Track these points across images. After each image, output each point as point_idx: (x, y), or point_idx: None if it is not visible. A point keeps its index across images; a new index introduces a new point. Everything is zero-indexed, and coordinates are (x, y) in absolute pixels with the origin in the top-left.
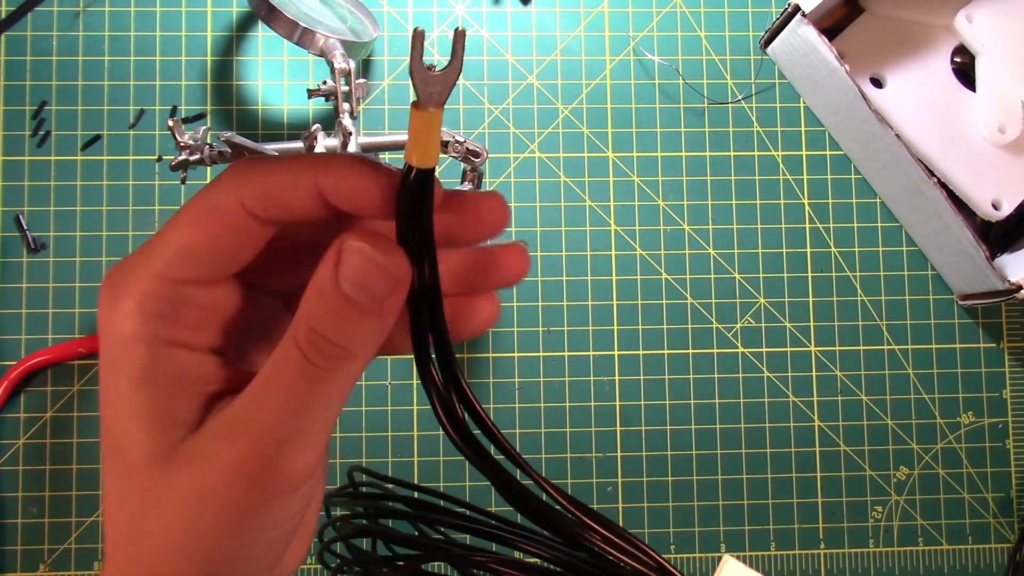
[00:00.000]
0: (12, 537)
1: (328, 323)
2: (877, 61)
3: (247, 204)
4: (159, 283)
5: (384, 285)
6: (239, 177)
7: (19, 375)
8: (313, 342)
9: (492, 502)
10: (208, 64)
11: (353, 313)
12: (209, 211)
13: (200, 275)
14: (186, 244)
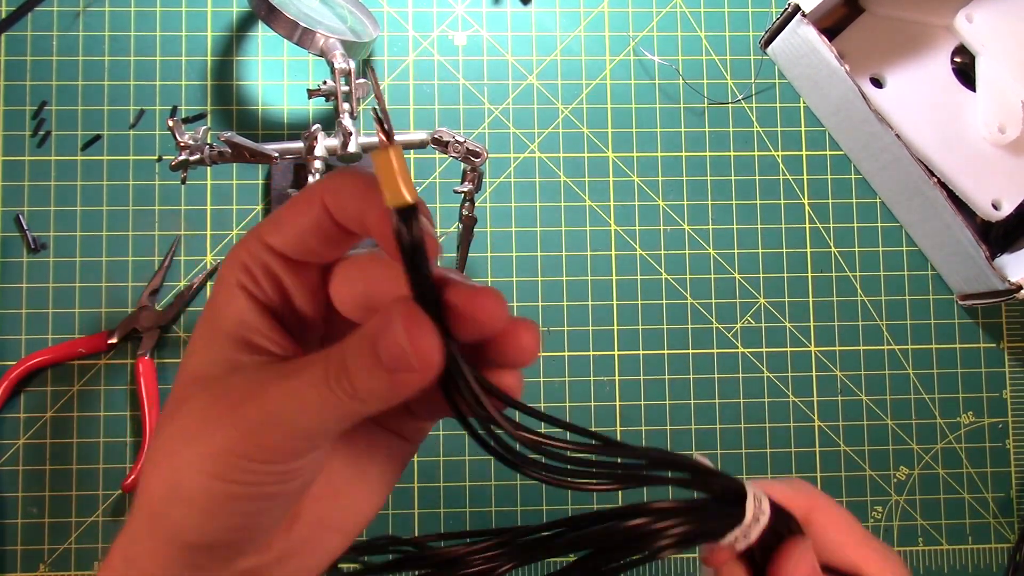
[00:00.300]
0: (12, 537)
1: (354, 368)
2: (877, 61)
3: (327, 201)
4: (256, 242)
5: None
6: (332, 178)
7: (19, 375)
8: (337, 373)
9: (492, 501)
10: (208, 64)
11: (375, 370)
12: (304, 199)
13: (283, 246)
14: (280, 218)
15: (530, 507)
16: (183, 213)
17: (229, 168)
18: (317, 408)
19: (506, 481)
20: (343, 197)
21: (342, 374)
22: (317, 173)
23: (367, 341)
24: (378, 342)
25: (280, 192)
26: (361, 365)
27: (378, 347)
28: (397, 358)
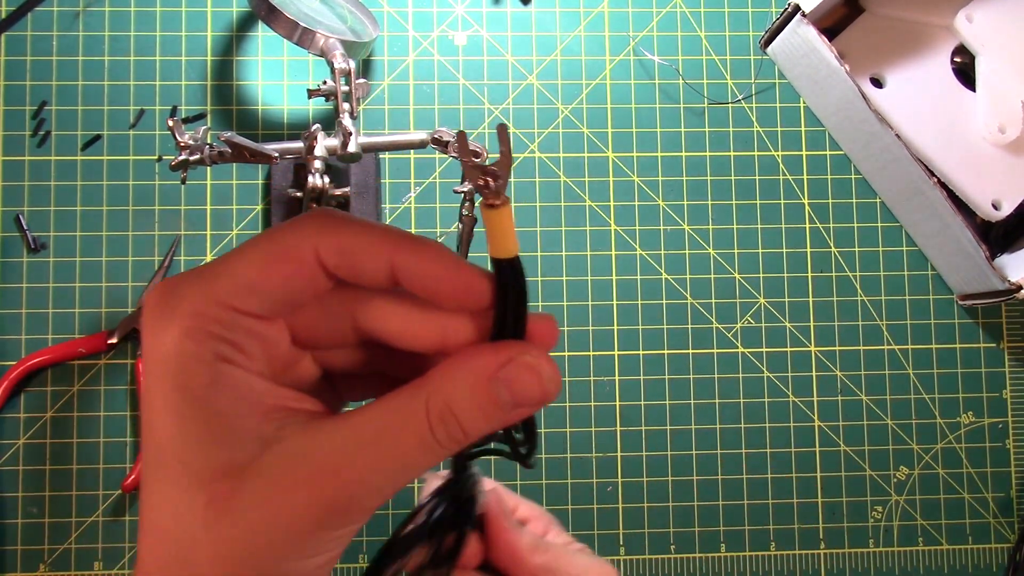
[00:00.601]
0: (12, 537)
1: (468, 411)
2: (877, 61)
3: (322, 256)
4: (219, 308)
5: (535, 401)
6: (319, 227)
7: (19, 375)
8: (447, 422)
9: None
10: (208, 64)
11: (494, 411)
12: (283, 254)
13: (262, 310)
14: (252, 279)
15: None
16: (183, 213)
17: (229, 168)
18: (422, 462)
19: (506, 481)
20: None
21: (451, 421)
22: (317, 173)
23: (482, 383)
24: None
25: (280, 192)
26: (475, 406)
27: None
28: (529, 394)
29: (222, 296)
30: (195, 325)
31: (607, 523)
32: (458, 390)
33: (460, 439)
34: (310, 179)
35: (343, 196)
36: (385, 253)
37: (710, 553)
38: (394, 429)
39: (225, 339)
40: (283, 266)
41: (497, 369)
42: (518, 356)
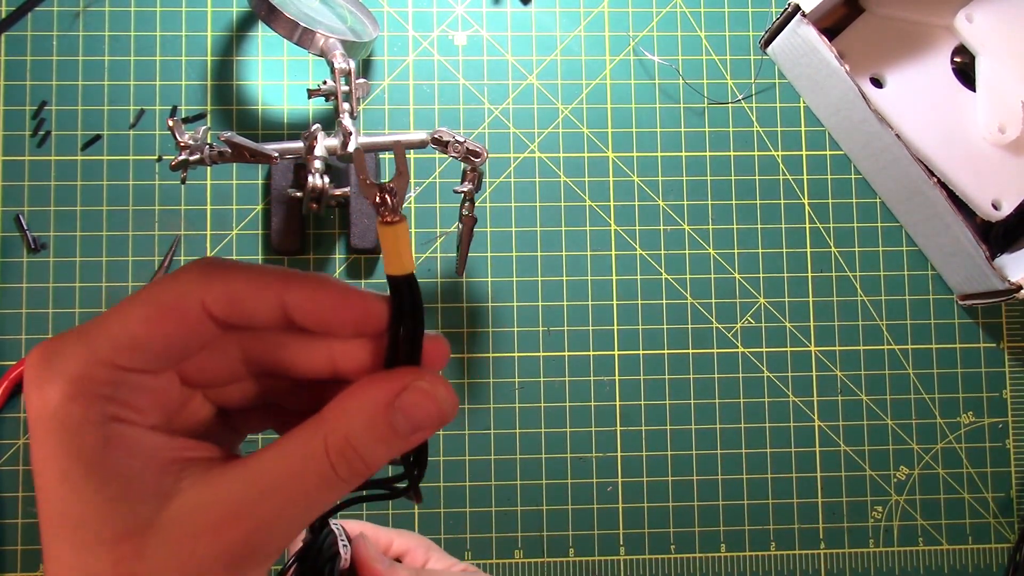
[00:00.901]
0: (12, 537)
1: (367, 443)
2: (877, 61)
3: (209, 306)
4: (101, 368)
5: (433, 425)
6: (203, 277)
7: (19, 375)
8: (347, 457)
9: (492, 501)
10: (208, 64)
11: (393, 440)
12: (167, 309)
13: (147, 365)
14: (135, 336)
15: (530, 507)
16: (183, 213)
17: (229, 168)
18: (327, 500)
19: (506, 482)
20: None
21: (351, 456)
22: (317, 173)
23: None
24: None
25: (280, 192)
26: (374, 438)
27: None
28: (427, 419)
29: (105, 355)
30: (79, 387)
31: (607, 523)
32: (355, 424)
33: (362, 471)
34: (310, 179)
35: (343, 196)
36: (274, 294)
37: (710, 553)
38: (295, 472)
39: (112, 398)
40: (167, 320)
41: (393, 397)
42: (412, 383)
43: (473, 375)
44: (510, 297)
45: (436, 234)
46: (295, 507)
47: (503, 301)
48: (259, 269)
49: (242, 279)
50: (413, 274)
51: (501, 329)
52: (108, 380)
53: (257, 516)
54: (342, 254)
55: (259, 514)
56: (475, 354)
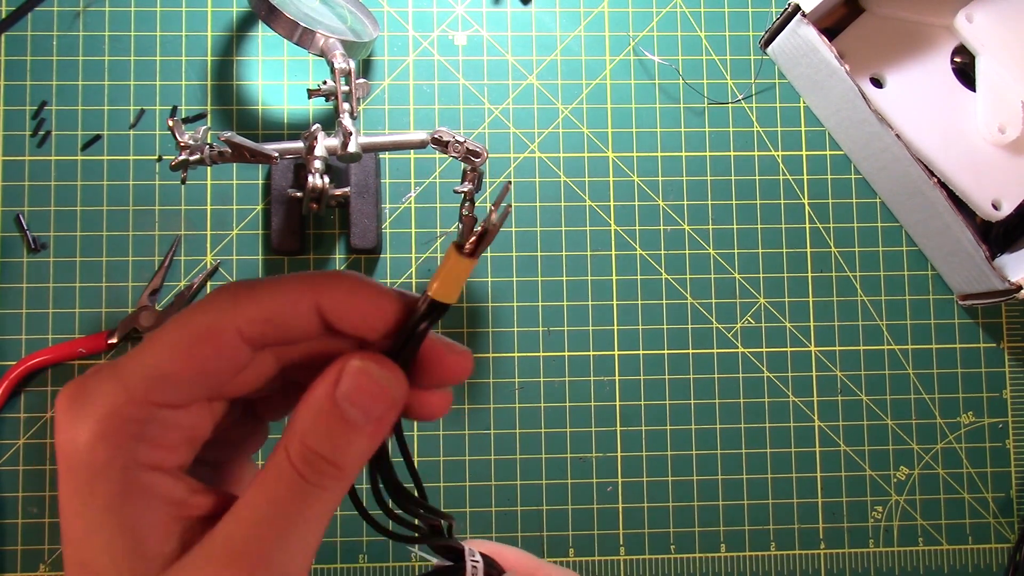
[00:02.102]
0: (12, 537)
1: (323, 440)
2: (877, 61)
3: (244, 331)
4: (132, 405)
5: (382, 405)
6: (233, 302)
7: (19, 375)
8: (307, 459)
9: (492, 501)
10: (208, 64)
11: (349, 431)
12: (199, 338)
13: (181, 399)
14: (167, 370)
15: (530, 507)
16: (183, 213)
17: (229, 168)
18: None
19: (507, 482)
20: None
21: (314, 459)
22: (317, 173)
23: (324, 409)
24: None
25: (280, 192)
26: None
27: (351, 401)
28: (374, 401)
29: (137, 391)
30: (106, 427)
31: (607, 523)
32: (307, 424)
33: (331, 472)
34: (310, 179)
35: (343, 196)
36: (306, 304)
37: (710, 553)
38: (272, 496)
39: (138, 438)
40: (201, 350)
41: (332, 388)
42: (345, 367)
43: (473, 375)
44: (510, 297)
45: (436, 234)
46: (283, 530)
47: (503, 301)
48: (288, 280)
49: (275, 295)
50: (449, 307)
51: (501, 329)
52: (139, 418)
53: (251, 555)
54: (342, 254)
55: (252, 552)
56: (475, 354)
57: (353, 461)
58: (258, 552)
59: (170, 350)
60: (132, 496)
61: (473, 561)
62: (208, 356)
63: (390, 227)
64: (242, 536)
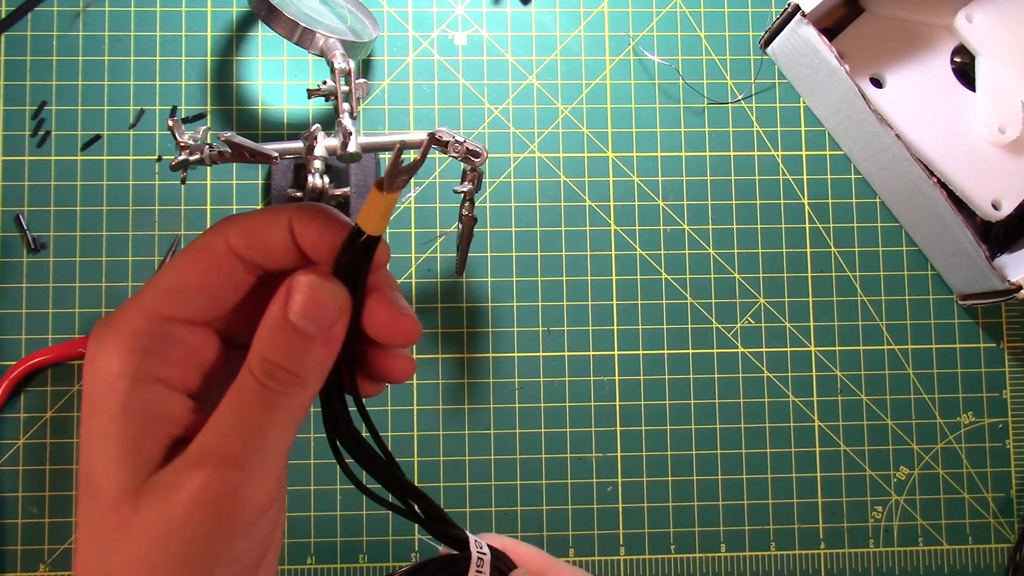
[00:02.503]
0: (12, 537)
1: (280, 352)
2: (877, 61)
3: (232, 243)
4: (148, 320)
5: (329, 314)
6: (226, 223)
7: (19, 375)
8: (267, 370)
9: (492, 501)
10: (208, 64)
11: (302, 341)
12: (199, 251)
13: (187, 312)
14: (176, 282)
15: (530, 507)
16: (183, 213)
17: (229, 168)
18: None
19: (506, 482)
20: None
21: (272, 369)
22: (317, 173)
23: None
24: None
25: (280, 192)
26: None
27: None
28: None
29: (150, 306)
30: (123, 342)
31: (607, 523)
32: (265, 340)
33: (294, 381)
34: (310, 179)
35: (343, 196)
36: (280, 222)
37: (710, 553)
38: (239, 403)
39: (150, 351)
40: (199, 261)
41: (283, 304)
42: (293, 282)
43: (473, 375)
44: (510, 297)
45: (436, 234)
46: (247, 433)
47: (503, 301)
48: (269, 208)
49: (256, 216)
50: (380, 238)
51: (501, 329)
52: (152, 332)
53: (216, 453)
54: None
55: (218, 450)
56: (475, 354)
57: (310, 369)
58: (227, 452)
59: (176, 268)
60: (135, 406)
61: (480, 552)
62: (206, 268)
63: (390, 227)
64: (213, 441)
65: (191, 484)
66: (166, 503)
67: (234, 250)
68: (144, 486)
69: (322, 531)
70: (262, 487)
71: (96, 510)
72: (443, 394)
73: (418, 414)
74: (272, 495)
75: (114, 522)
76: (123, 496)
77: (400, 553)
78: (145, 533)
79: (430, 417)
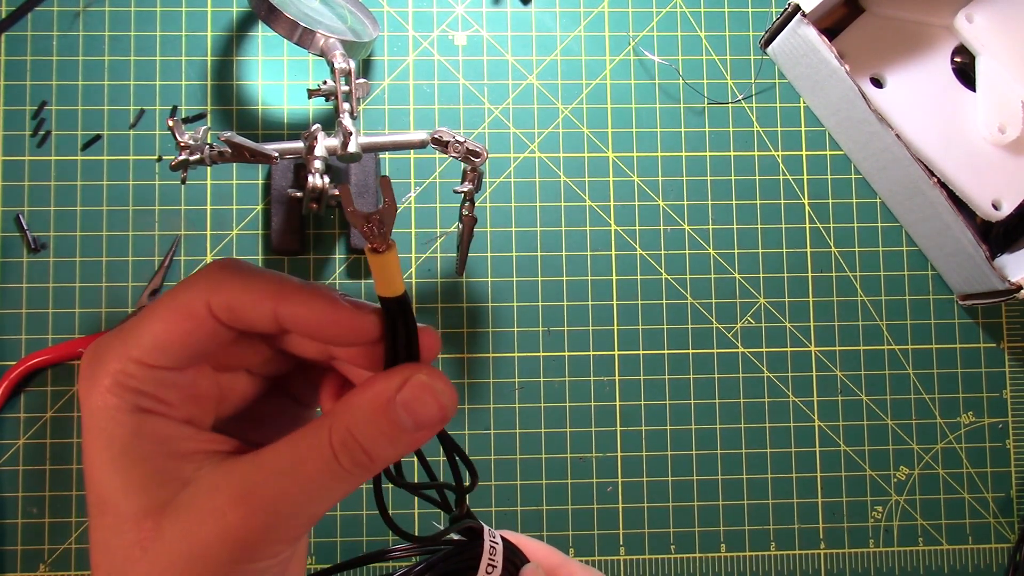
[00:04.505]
0: (12, 537)
1: (370, 437)
2: (877, 61)
3: (214, 311)
4: (135, 366)
5: (436, 419)
6: (211, 284)
7: (19, 375)
8: (349, 448)
9: (492, 501)
10: (208, 64)
11: (397, 435)
12: (181, 311)
13: (172, 364)
14: (158, 337)
15: (530, 507)
16: (183, 213)
17: (229, 168)
18: (331, 488)
19: (506, 482)
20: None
21: (354, 447)
22: (317, 173)
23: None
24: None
25: (280, 192)
26: (377, 431)
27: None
28: (428, 413)
29: (136, 355)
30: (115, 382)
31: (607, 523)
32: (358, 416)
33: (366, 463)
34: (310, 179)
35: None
36: (268, 306)
37: (710, 553)
38: (300, 458)
39: (144, 393)
40: (182, 324)
41: (394, 393)
42: (412, 376)
43: (473, 375)
44: (510, 297)
45: (436, 234)
46: (297, 489)
47: (503, 301)
48: (258, 278)
49: (239, 289)
50: (405, 294)
51: (501, 329)
52: (139, 376)
53: (260, 498)
54: (342, 254)
55: (263, 495)
56: (475, 354)
57: (387, 460)
58: (270, 501)
59: (158, 321)
60: (141, 436)
61: (493, 541)
62: (187, 328)
63: None
64: (260, 486)
65: (223, 519)
66: (192, 528)
67: (214, 315)
68: (169, 506)
69: (322, 531)
70: (294, 533)
71: (110, 528)
72: None
73: None
74: (300, 538)
75: (130, 541)
76: (145, 514)
77: None
78: (165, 554)
79: None
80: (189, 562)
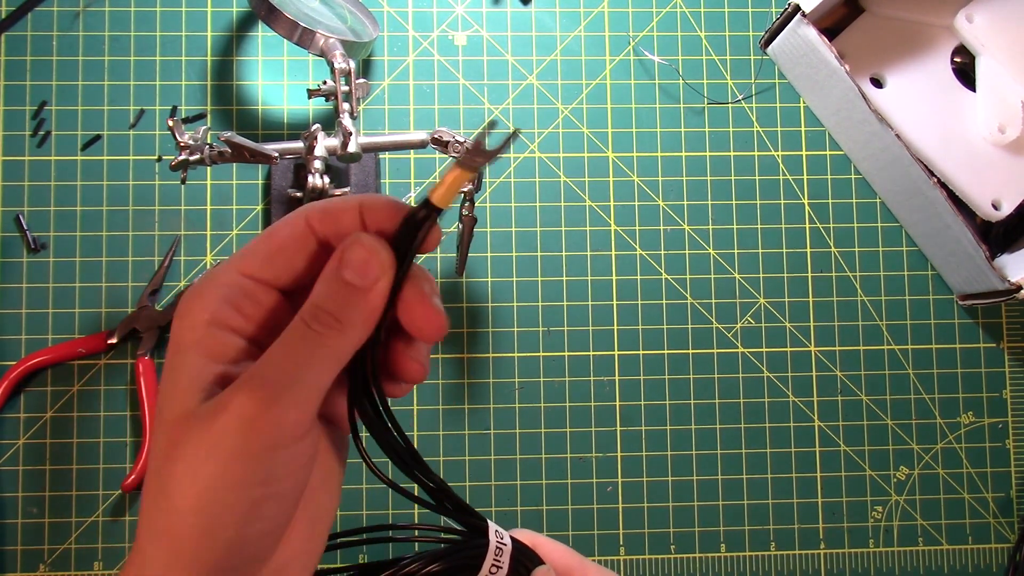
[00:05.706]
0: (12, 537)
1: (327, 298)
2: (877, 61)
3: (311, 220)
4: (237, 275)
5: (373, 270)
6: (309, 205)
7: (19, 375)
8: (313, 314)
9: (492, 501)
10: (208, 64)
11: (348, 291)
12: (285, 223)
13: (265, 272)
14: (263, 247)
15: (530, 507)
16: (183, 213)
17: (229, 168)
18: (313, 356)
19: (506, 482)
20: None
21: (318, 313)
22: (317, 173)
23: (328, 273)
24: (348, 263)
25: (280, 192)
26: (329, 293)
27: (349, 265)
28: (365, 264)
29: (240, 265)
30: (216, 290)
31: (607, 523)
32: (317, 289)
33: (332, 323)
34: (310, 179)
35: None
36: (352, 207)
37: (710, 553)
38: (283, 339)
39: (231, 301)
40: (284, 230)
41: (339, 260)
42: (348, 240)
43: (473, 375)
44: (510, 297)
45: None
46: (290, 363)
47: (503, 301)
48: (344, 197)
49: (334, 201)
50: (442, 213)
51: (501, 329)
52: (236, 285)
53: (259, 378)
54: None
55: (261, 376)
56: (475, 354)
57: (351, 317)
58: (266, 378)
59: (264, 235)
60: (205, 344)
61: (500, 542)
62: (287, 236)
63: None
64: (259, 371)
65: (231, 404)
66: (210, 422)
67: (311, 225)
68: (197, 409)
69: None
70: (292, 413)
71: (158, 432)
72: (443, 394)
73: (418, 414)
74: (303, 426)
75: (169, 441)
76: (180, 419)
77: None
78: (193, 451)
79: (430, 417)
80: (210, 455)
